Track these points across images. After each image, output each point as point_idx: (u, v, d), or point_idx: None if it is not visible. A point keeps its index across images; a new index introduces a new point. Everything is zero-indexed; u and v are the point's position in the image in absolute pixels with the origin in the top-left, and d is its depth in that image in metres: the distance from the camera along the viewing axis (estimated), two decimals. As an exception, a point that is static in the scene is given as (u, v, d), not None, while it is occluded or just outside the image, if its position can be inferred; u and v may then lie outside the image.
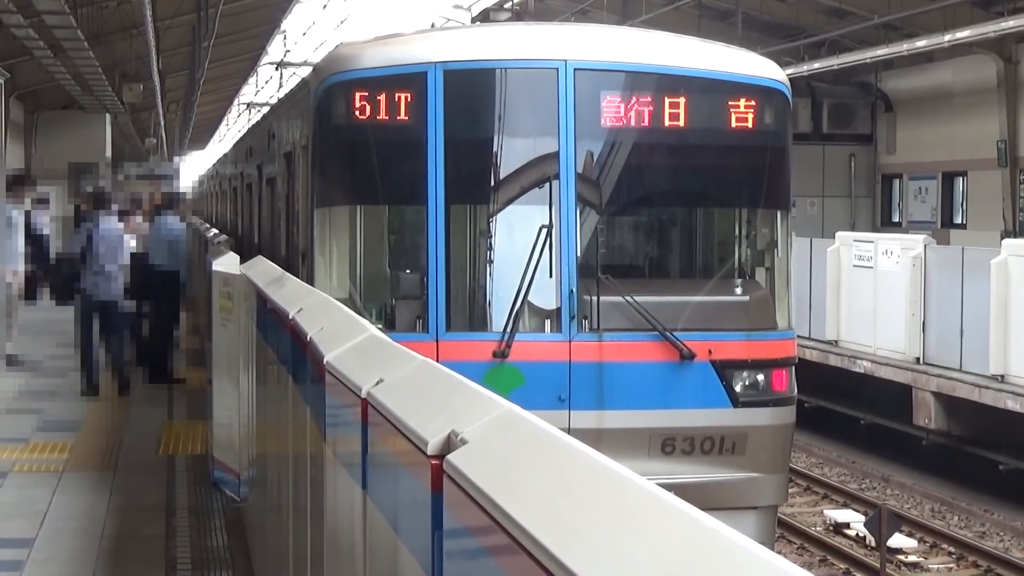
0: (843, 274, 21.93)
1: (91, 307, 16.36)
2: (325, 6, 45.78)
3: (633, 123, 10.20)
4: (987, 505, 17.57)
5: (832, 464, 20.31)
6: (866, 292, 21.24)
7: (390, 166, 10.19)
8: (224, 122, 73.59)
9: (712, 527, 1.85)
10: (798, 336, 11.67)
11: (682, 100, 10.22)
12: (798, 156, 15.74)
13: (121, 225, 17.15)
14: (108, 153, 39.32)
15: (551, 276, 9.93)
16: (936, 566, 15.20)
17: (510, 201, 10.26)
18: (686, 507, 1.95)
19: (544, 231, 9.92)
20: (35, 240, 22.73)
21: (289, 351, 6.23)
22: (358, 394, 3.95)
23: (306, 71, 17.48)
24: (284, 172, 13.15)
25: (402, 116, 10.00)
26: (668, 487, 2.20)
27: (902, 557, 15.21)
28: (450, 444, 2.90)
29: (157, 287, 17.27)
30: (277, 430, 6.97)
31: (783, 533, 15.52)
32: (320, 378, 4.77)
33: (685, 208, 11.23)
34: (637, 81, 10.27)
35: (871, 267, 21.14)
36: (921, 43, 26.46)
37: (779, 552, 14.19)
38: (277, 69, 47.73)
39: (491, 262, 10.26)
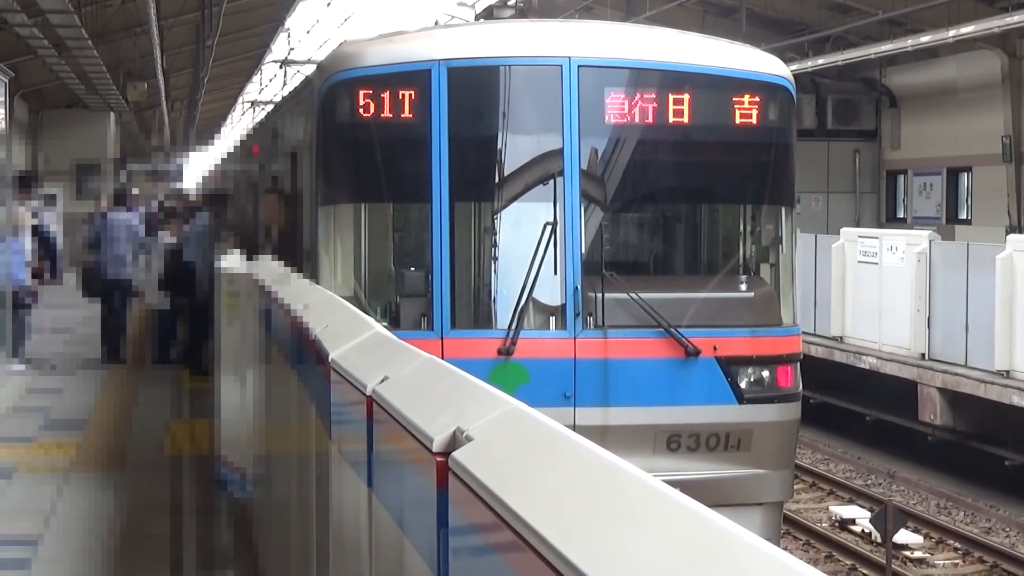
0: (848, 270, 21.92)
1: (106, 285, 18.51)
2: (329, 4, 45.78)
3: (637, 120, 10.20)
4: (993, 501, 17.56)
5: (837, 460, 20.30)
6: (871, 288, 21.24)
7: (394, 164, 10.19)
8: (228, 120, 73.61)
9: (718, 524, 1.84)
10: (803, 332, 11.67)
11: (686, 96, 10.21)
12: (802, 152, 15.72)
13: (130, 215, 19.14)
14: (115, 152, 39.36)
15: (556, 273, 9.93)
16: (942, 562, 15.19)
17: (514, 198, 10.26)
18: (692, 504, 1.95)
19: (548, 228, 9.92)
20: (43, 240, 22.80)
21: (294, 349, 6.23)
22: (363, 392, 3.95)
23: (310, 69, 17.50)
24: (288, 170, 13.15)
25: (406, 114, 10.00)
26: (674, 484, 2.21)
27: (908, 553, 15.21)
28: (455, 441, 2.90)
29: (191, 284, 17.50)
30: (283, 428, 6.97)
31: (789, 529, 15.52)
32: (325, 376, 4.77)
33: (689, 205, 11.23)
34: (641, 78, 10.27)
35: (876, 263, 21.13)
36: (925, 39, 26.42)
37: (785, 548, 14.18)
38: (281, 67, 47.71)
39: (496, 259, 10.26)
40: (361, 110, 10.03)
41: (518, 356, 9.78)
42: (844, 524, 16.54)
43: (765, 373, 10.15)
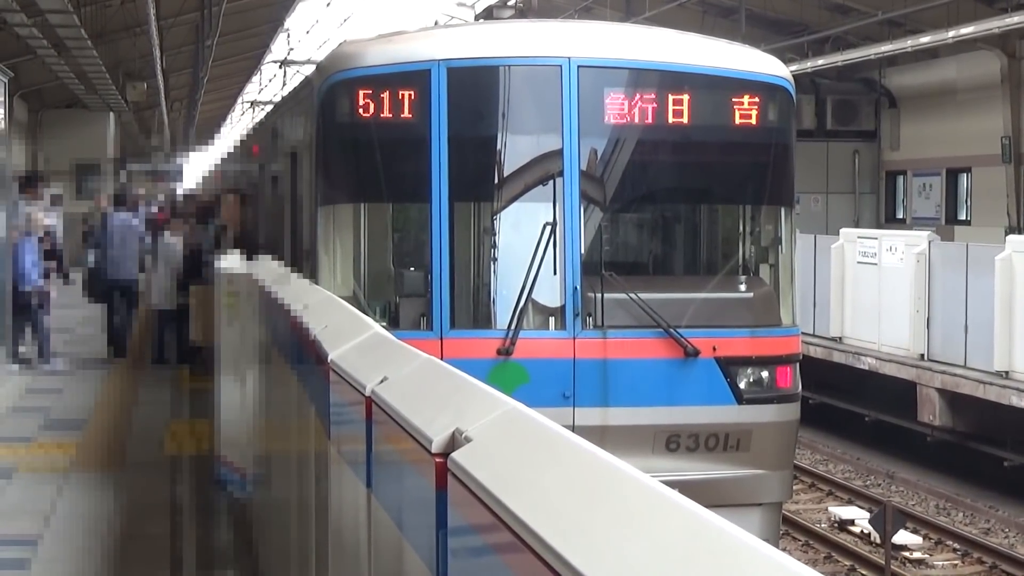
0: (847, 271, 21.92)
1: (110, 286, 18.82)
2: (328, 4, 45.76)
3: (637, 120, 10.20)
4: (992, 501, 17.56)
5: (837, 461, 20.31)
6: (870, 289, 21.23)
7: (394, 164, 10.20)
8: (228, 120, 73.60)
9: (716, 524, 1.85)
10: (802, 333, 11.67)
11: (686, 97, 10.22)
12: (802, 153, 15.73)
13: (131, 215, 19.49)
14: (115, 151, 39.35)
15: (555, 273, 9.93)
16: (941, 563, 15.19)
17: (514, 198, 10.26)
18: (690, 504, 1.96)
19: (548, 228, 9.92)
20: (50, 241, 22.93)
21: (293, 349, 6.24)
22: (362, 392, 3.95)
23: (309, 69, 17.52)
24: (288, 170, 13.16)
25: (406, 114, 10.01)
26: (673, 484, 2.21)
27: (907, 554, 15.21)
28: (454, 442, 2.90)
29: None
30: (282, 428, 6.97)
31: (788, 530, 15.52)
32: (324, 376, 4.77)
33: (689, 205, 11.24)
34: (640, 78, 10.27)
35: (875, 264, 21.13)
36: (925, 39, 26.42)
37: (783, 549, 14.20)
38: (281, 67, 47.70)
39: (495, 260, 10.27)
40: (361, 110, 10.04)
41: (517, 356, 9.78)
42: (843, 525, 16.53)
43: (764, 373, 10.15)
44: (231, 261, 11.11)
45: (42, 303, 17.79)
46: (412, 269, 10.35)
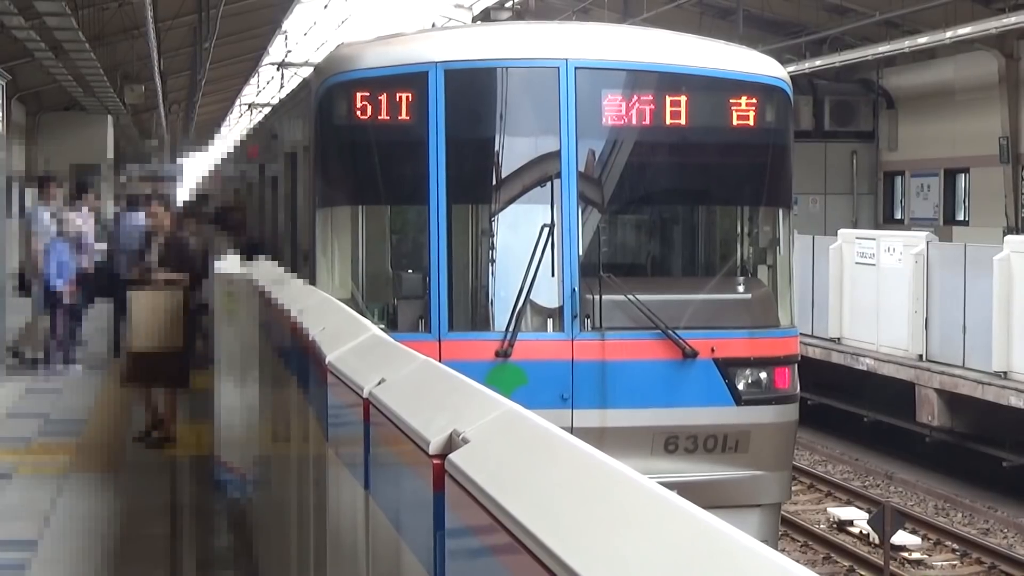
0: (845, 271, 21.92)
1: (118, 283, 18.46)
2: (326, 6, 45.77)
3: (634, 121, 10.20)
4: (991, 502, 17.56)
5: (835, 461, 20.31)
6: (869, 289, 21.24)
7: (392, 166, 10.20)
8: (226, 122, 73.61)
9: (715, 526, 1.85)
10: (800, 334, 11.67)
11: (683, 98, 10.22)
12: (800, 154, 15.73)
13: (140, 215, 19.32)
14: (111, 154, 39.35)
15: (553, 275, 9.93)
16: (940, 563, 15.19)
17: (512, 200, 10.26)
18: (689, 506, 1.96)
19: (546, 230, 9.92)
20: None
21: (292, 351, 6.24)
22: (360, 394, 3.95)
23: (307, 71, 17.52)
24: (286, 172, 13.16)
25: (403, 116, 10.01)
26: (671, 485, 2.21)
27: (906, 554, 15.21)
28: (452, 444, 2.90)
29: None
30: (280, 430, 6.98)
31: (786, 531, 15.52)
32: (322, 378, 4.77)
33: (687, 206, 11.24)
34: (638, 79, 10.27)
35: (874, 264, 21.13)
36: (923, 40, 26.43)
37: (782, 550, 14.20)
38: (278, 69, 47.71)
39: (493, 261, 10.27)
40: (358, 112, 10.04)
41: (516, 358, 9.78)
42: (842, 525, 16.54)
43: (763, 375, 10.16)
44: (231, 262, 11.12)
45: (60, 305, 17.81)
46: (410, 271, 10.35)
